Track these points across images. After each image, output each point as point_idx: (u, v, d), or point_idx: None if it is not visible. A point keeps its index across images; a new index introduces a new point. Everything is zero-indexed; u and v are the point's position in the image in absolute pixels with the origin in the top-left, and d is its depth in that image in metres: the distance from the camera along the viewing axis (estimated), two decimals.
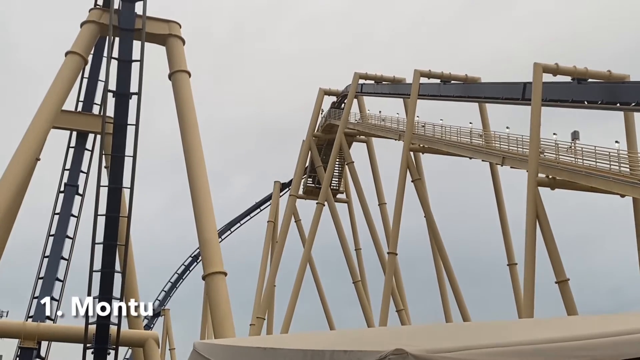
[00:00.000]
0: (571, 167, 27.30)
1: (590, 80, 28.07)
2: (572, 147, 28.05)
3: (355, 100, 46.82)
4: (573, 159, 27.78)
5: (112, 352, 27.16)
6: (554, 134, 29.20)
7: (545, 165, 27.78)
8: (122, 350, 42.34)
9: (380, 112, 45.22)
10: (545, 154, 28.39)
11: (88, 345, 26.64)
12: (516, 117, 34.21)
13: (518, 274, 36.20)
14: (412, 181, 38.78)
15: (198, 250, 47.12)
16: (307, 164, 51.05)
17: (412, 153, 38.96)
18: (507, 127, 32.53)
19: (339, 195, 50.63)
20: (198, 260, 57.57)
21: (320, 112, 50.60)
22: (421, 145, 38.99)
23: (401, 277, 43.99)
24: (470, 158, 34.29)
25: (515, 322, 8.91)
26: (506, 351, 4.60)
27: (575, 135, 28.61)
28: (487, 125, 37.90)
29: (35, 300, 33.89)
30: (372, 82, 45.26)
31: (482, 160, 34.56)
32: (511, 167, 30.60)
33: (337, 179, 50.68)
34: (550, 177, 27.70)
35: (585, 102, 27.99)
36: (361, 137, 48.02)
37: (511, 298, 37.08)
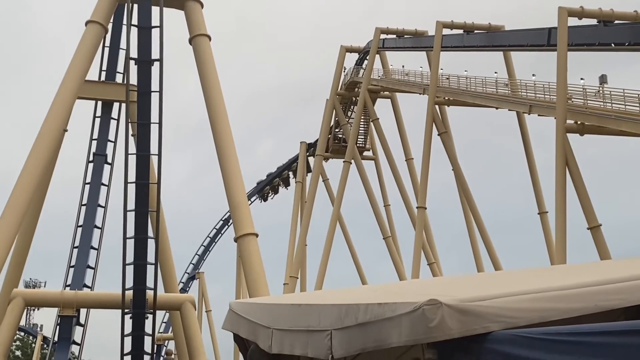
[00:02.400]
0: (600, 111, 26.91)
1: (616, 22, 27.47)
2: (600, 92, 27.62)
3: (377, 56, 46.38)
4: (602, 103, 27.37)
5: (150, 316, 27.70)
6: (582, 79, 28.76)
7: (573, 111, 27.42)
8: (160, 314, 43.25)
9: (403, 66, 44.83)
10: (573, 99, 28.00)
11: (126, 310, 27.16)
12: (542, 64, 33.68)
13: (549, 222, 36.02)
14: (438, 135, 38.54)
15: (229, 213, 47.50)
16: (332, 123, 50.89)
17: (437, 106, 38.64)
18: (533, 75, 32.09)
19: (365, 153, 50.50)
20: (229, 223, 58.08)
21: (343, 70, 50.24)
22: (446, 98, 38.61)
23: (431, 230, 44.03)
24: (497, 108, 33.93)
25: (548, 268, 8.90)
26: (542, 297, 4.59)
27: (603, 79, 28.14)
28: (512, 74, 37.40)
29: (71, 269, 34.54)
30: (394, 36, 44.74)
31: (509, 110, 34.19)
32: (539, 115, 30.25)
33: (362, 137, 50.50)
34: (578, 122, 27.35)
35: (612, 45, 27.46)
36: (385, 93, 47.67)
37: (543, 247, 36.98)
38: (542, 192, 38.13)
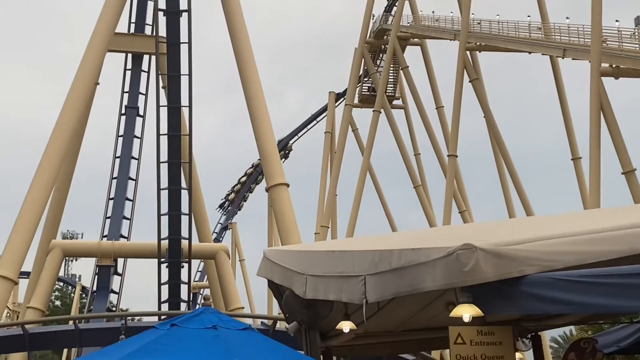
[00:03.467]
0: (635, 54, 26.29)
1: None
2: (636, 34, 26.94)
3: (406, 2, 45.58)
4: (637, 46, 26.71)
5: (185, 265, 28.22)
6: (616, 21, 28.04)
7: (608, 54, 26.79)
8: (195, 263, 43.91)
9: (433, 12, 44.03)
10: (607, 42, 27.35)
11: (162, 259, 27.69)
12: (576, 7, 32.85)
13: (583, 168, 35.61)
14: (469, 81, 37.99)
15: (260, 164, 47.71)
16: (361, 72, 50.42)
17: (468, 52, 38.00)
18: (567, 18, 31.35)
19: (395, 102, 50.03)
20: (261, 174, 58.43)
21: (372, 17, 49.53)
22: (477, 44, 37.93)
23: (462, 178, 43.81)
24: (530, 53, 33.29)
25: (584, 212, 8.86)
26: (578, 240, 4.59)
27: (638, 21, 27.41)
28: (545, 18, 36.55)
29: (108, 220, 35.15)
30: None
31: (542, 54, 33.53)
32: (573, 59, 29.64)
33: (392, 85, 49.98)
34: (613, 66, 26.75)
35: None
36: (415, 40, 46.95)
37: (577, 194, 36.64)
38: (575, 137, 37.61)
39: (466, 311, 4.76)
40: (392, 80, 49.51)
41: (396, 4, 45.67)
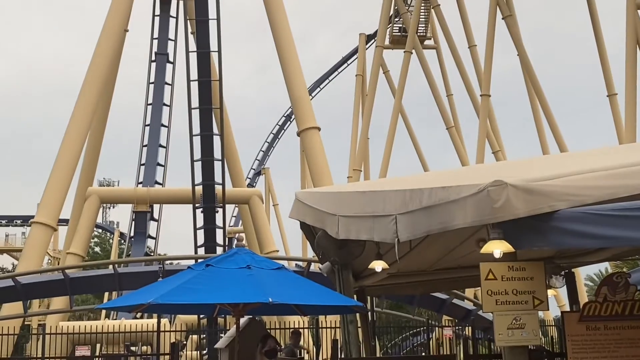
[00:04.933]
0: None
1: None
2: None
3: None
4: None
5: (220, 210, 28.55)
6: None
7: None
8: (229, 208, 44.40)
9: None
10: None
11: (197, 205, 28.05)
12: None
13: (619, 105, 34.92)
14: (502, 18, 37.16)
15: (291, 109, 47.66)
16: (391, 13, 49.57)
17: None
18: None
19: (426, 42, 49.20)
20: (291, 119, 58.38)
21: None
22: None
23: (495, 118, 43.30)
24: None
25: (616, 147, 8.72)
26: (610, 174, 4.54)
27: None
28: None
29: (142, 167, 35.56)
30: None
31: None
32: None
33: (423, 25, 49.08)
34: None
35: None
36: None
37: (612, 131, 36.03)
38: (611, 74, 36.77)
39: (497, 247, 4.77)
40: (423, 19, 48.62)
41: None
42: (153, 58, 37.03)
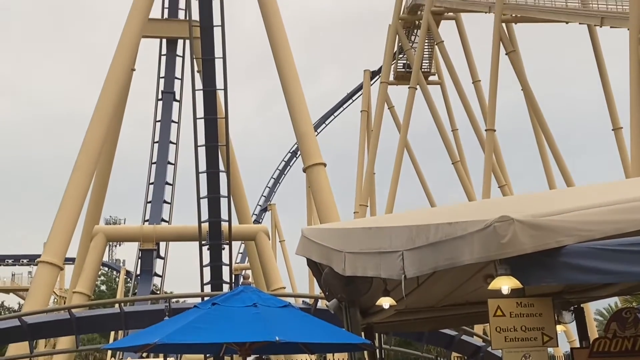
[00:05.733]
0: None
1: None
2: None
3: None
4: None
5: (226, 247, 28.49)
6: None
7: None
8: (236, 245, 44.33)
9: None
10: None
11: (203, 242, 28.00)
12: None
13: (624, 138, 34.95)
14: (506, 54, 37.46)
15: (296, 145, 47.83)
16: (395, 49, 50.02)
17: (504, 24, 37.44)
18: None
19: (430, 78, 49.57)
20: (297, 155, 58.56)
21: None
22: (513, 15, 37.36)
23: (501, 153, 43.34)
24: (567, 23, 32.69)
25: (622, 181, 8.70)
26: (616, 209, 4.53)
27: None
28: None
29: (149, 205, 35.62)
30: None
31: (580, 24, 32.89)
32: (611, 27, 29.02)
33: (427, 61, 49.51)
34: None
35: None
36: (449, 14, 46.38)
37: (618, 165, 36.02)
38: (616, 107, 36.91)
39: (505, 283, 4.74)
40: (427, 56, 49.04)
41: None
42: (160, 96, 37.37)
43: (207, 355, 21.47)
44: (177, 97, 37.60)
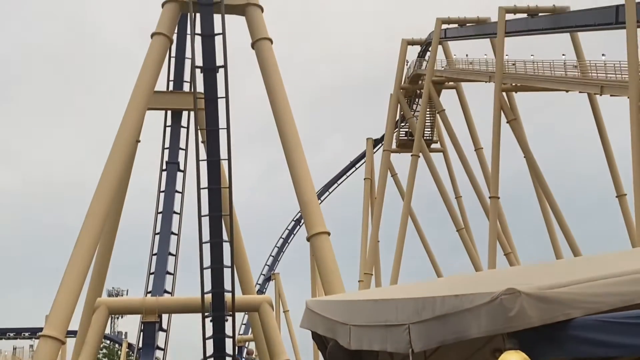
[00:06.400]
0: None
1: None
2: None
3: (440, 47, 45.88)
4: None
5: (230, 318, 28.15)
6: None
7: None
8: (239, 316, 43.88)
9: (467, 55, 44.22)
10: None
11: (206, 314, 27.68)
12: (611, 43, 32.67)
13: (628, 205, 34.95)
14: (507, 122, 37.89)
15: (300, 213, 47.87)
16: (397, 117, 50.63)
17: (504, 93, 37.98)
18: (603, 55, 31.20)
19: (433, 145, 50.06)
20: (301, 224, 58.51)
21: (405, 63, 49.92)
22: (513, 84, 37.94)
23: (506, 220, 43.30)
24: (567, 91, 33.14)
25: (629, 251, 8.65)
26: (624, 280, 4.49)
27: None
28: (581, 55, 36.44)
29: (151, 276, 35.39)
30: (456, 25, 44.17)
31: (580, 92, 33.33)
32: (611, 96, 29.39)
33: (429, 129, 50.08)
34: None
35: None
36: (450, 83, 47.14)
37: (624, 231, 35.92)
38: (619, 174, 37.06)
39: (513, 357, 4.65)
40: (429, 124, 49.61)
41: (429, 49, 45.97)
42: (164, 167, 37.59)
43: None
44: (182, 168, 37.83)
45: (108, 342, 71.01)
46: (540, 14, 36.00)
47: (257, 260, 66.05)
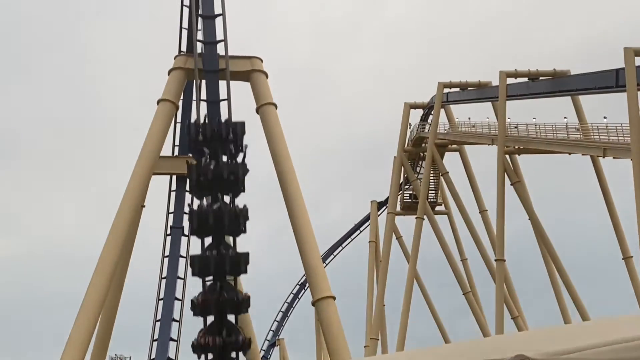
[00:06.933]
0: None
1: None
2: None
3: (442, 110, 46.35)
4: None
5: None
6: None
7: None
8: None
9: (469, 118, 44.64)
10: None
11: None
12: (612, 105, 33.00)
13: (635, 267, 34.73)
14: (511, 184, 37.96)
15: (305, 277, 47.58)
16: (401, 180, 50.83)
17: (507, 156, 38.18)
18: (605, 117, 31.44)
19: (437, 208, 50.06)
20: (306, 288, 58.10)
21: (408, 126, 50.37)
22: (516, 147, 38.16)
23: (512, 283, 42.92)
24: (570, 154, 33.28)
25: (636, 316, 8.56)
26: (630, 346, 4.46)
27: None
28: (583, 118, 36.72)
29: (155, 343, 35.00)
30: (457, 89, 44.72)
31: (582, 155, 33.47)
32: (614, 158, 29.51)
33: (433, 192, 50.17)
34: None
35: None
36: (453, 146, 47.46)
37: (631, 293, 35.56)
38: (624, 236, 36.88)
39: None
40: (433, 186, 49.73)
41: (432, 112, 46.45)
42: (168, 232, 37.58)
43: None
44: (186, 232, 37.80)
45: None
46: (540, 78, 36.44)
47: (261, 325, 65.26)
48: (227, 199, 25.95)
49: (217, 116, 27.02)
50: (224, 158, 25.85)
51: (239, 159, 25.56)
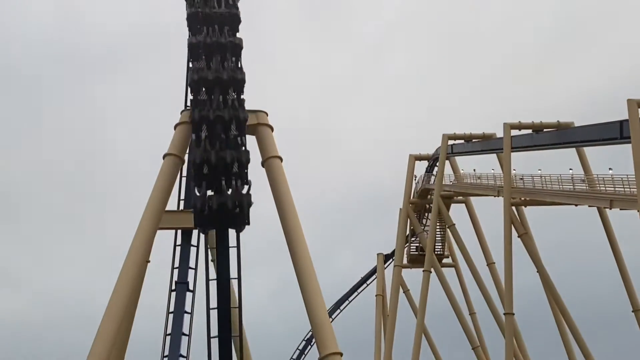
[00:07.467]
0: None
1: None
2: None
3: (447, 162, 46.40)
4: None
5: None
6: None
7: None
8: None
9: (474, 170, 44.62)
10: None
11: None
12: (618, 155, 32.93)
13: None
14: (518, 236, 37.69)
15: (311, 333, 46.97)
16: (407, 232, 50.53)
17: (514, 208, 38.00)
18: (610, 169, 31.36)
19: (444, 260, 49.68)
20: (312, 343, 57.25)
21: (414, 178, 50.36)
22: (522, 199, 38.00)
23: (522, 337, 42.26)
24: (576, 205, 33.09)
25: None
26: None
27: None
28: (588, 169, 36.67)
29: None
30: (462, 141, 44.83)
31: (589, 206, 33.26)
32: (620, 209, 29.32)
33: (440, 244, 49.85)
34: None
35: None
36: (459, 198, 47.33)
37: None
38: (633, 288, 36.43)
39: None
40: (439, 238, 49.44)
41: (437, 164, 46.47)
42: (173, 287, 37.13)
43: None
44: (191, 287, 37.37)
45: None
46: (545, 130, 36.50)
47: None
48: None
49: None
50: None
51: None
